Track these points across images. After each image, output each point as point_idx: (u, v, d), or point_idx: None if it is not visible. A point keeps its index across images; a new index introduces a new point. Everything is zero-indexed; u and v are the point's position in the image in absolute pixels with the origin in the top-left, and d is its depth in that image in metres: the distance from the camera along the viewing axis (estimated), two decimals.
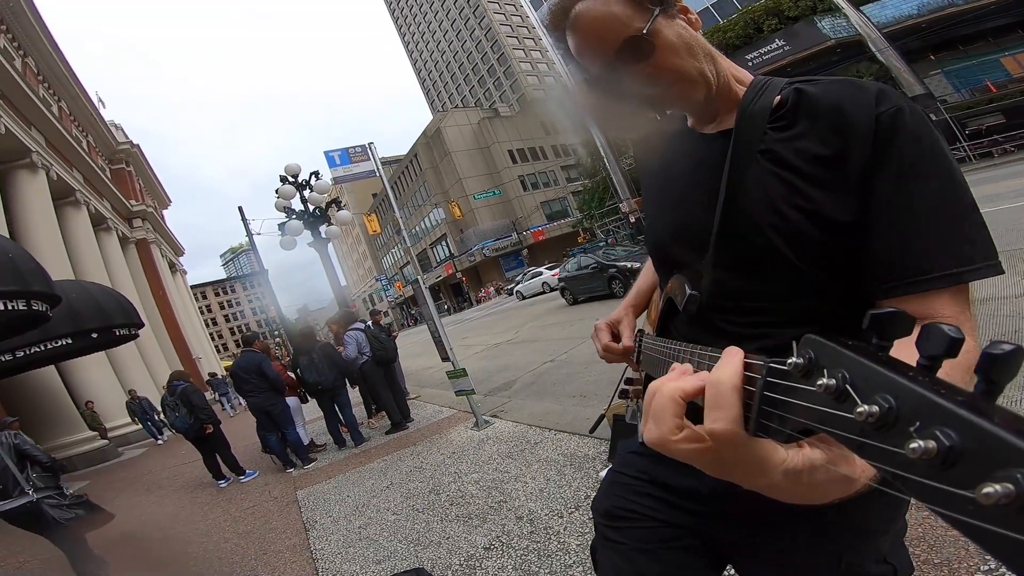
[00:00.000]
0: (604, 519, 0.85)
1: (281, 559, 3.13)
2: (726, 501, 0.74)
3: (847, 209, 0.62)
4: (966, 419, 0.23)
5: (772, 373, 0.37)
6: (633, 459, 0.88)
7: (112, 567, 3.52)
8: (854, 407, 0.28)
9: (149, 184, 29.09)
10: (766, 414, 0.38)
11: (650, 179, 0.89)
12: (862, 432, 0.28)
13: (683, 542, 0.78)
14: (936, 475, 0.24)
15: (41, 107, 14.31)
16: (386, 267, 65.56)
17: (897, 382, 0.27)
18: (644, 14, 0.68)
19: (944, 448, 0.23)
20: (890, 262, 0.60)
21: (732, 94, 0.73)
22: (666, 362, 0.63)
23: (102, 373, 13.17)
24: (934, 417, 0.24)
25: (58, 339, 8.63)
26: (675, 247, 0.80)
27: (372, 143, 7.07)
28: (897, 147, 0.60)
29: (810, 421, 0.33)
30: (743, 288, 0.70)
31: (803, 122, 0.66)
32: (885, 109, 0.61)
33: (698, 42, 0.71)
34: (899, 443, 0.25)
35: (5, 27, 14.71)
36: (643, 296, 1.03)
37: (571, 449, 3.40)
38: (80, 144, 17.88)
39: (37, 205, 13.63)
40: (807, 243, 0.64)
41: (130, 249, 22.41)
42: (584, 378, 5.45)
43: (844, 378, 0.30)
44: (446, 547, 2.59)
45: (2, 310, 5.98)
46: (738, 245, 0.69)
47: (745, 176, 0.68)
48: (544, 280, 23.63)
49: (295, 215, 8.62)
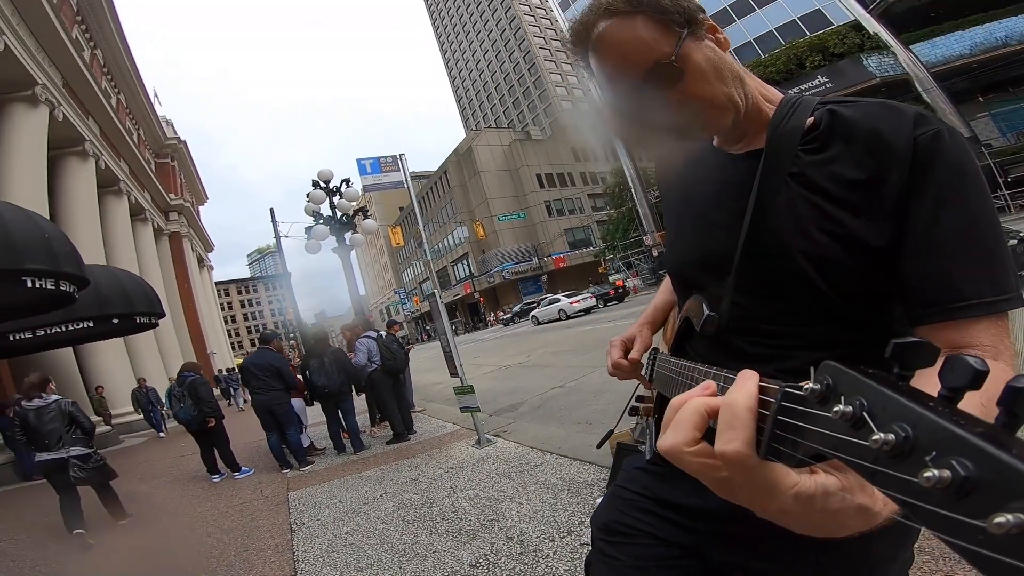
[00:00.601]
0: (602, 533, 0.83)
1: (261, 557, 3.06)
2: (729, 522, 0.70)
3: (881, 234, 0.60)
4: (984, 450, 0.23)
5: (787, 398, 0.37)
6: (637, 475, 0.86)
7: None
8: (870, 435, 0.28)
9: (190, 180, 30.20)
10: (778, 438, 0.37)
11: (673, 198, 0.86)
12: (876, 460, 0.28)
13: (680, 563, 0.75)
14: (949, 504, 0.24)
15: (101, 98, 15.04)
16: (406, 281, 66.26)
17: (916, 411, 0.27)
18: (671, 37, 0.65)
19: (959, 478, 0.23)
20: (928, 288, 0.58)
21: (761, 114, 0.71)
22: (680, 382, 0.62)
23: (116, 359, 13.35)
24: (952, 447, 0.24)
25: (80, 321, 8.83)
26: (696, 268, 0.78)
27: (403, 154, 7.20)
28: (936, 171, 0.58)
29: (823, 447, 0.33)
30: (764, 311, 0.68)
31: (837, 144, 0.64)
32: (924, 132, 0.59)
33: (727, 64, 0.68)
34: (913, 472, 0.26)
35: (81, 18, 15.44)
36: (660, 313, 1.01)
37: (571, 474, 3.29)
38: (131, 137, 18.69)
39: (82, 191, 14.20)
40: (836, 269, 0.62)
41: (163, 241, 23.15)
42: (592, 406, 5.33)
43: (862, 405, 0.30)
44: (431, 560, 2.50)
45: (30, 287, 6.20)
46: (763, 268, 0.67)
47: (775, 199, 0.66)
48: (561, 307, 23.51)
49: (323, 220, 8.79)
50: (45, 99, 11.86)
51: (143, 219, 20.31)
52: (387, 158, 7.04)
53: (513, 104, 74.54)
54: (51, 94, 12.16)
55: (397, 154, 6.97)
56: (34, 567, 3.83)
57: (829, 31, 24.45)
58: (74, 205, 13.81)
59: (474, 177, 47.00)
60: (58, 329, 8.86)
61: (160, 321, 11.38)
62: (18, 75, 11.07)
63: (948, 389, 0.28)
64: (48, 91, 11.99)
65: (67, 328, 8.87)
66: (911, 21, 22.19)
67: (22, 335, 8.73)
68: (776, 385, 0.38)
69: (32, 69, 11.34)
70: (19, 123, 11.30)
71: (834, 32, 24.19)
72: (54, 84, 12.45)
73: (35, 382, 4.71)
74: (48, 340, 9.23)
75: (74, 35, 13.85)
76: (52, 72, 12.45)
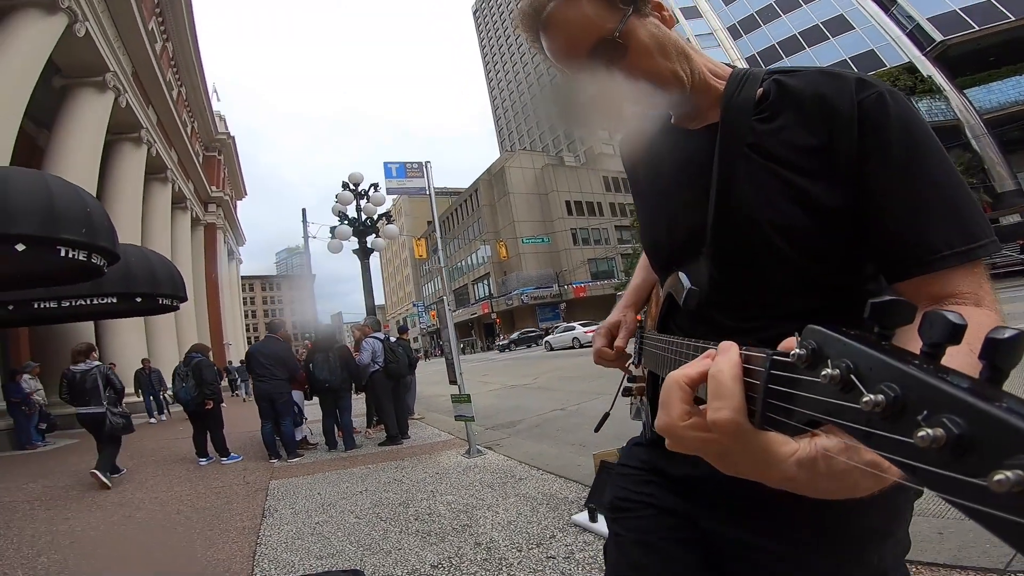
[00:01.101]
0: (610, 512, 0.85)
1: (225, 537, 3.01)
2: (719, 491, 0.71)
3: (841, 197, 0.61)
4: (972, 405, 0.23)
5: (775, 365, 0.36)
6: (636, 451, 0.87)
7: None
8: (860, 397, 0.27)
9: (232, 174, 31.30)
10: (771, 407, 0.36)
11: (639, 178, 0.87)
12: (869, 422, 0.28)
13: (680, 533, 0.75)
14: (947, 463, 0.23)
15: (164, 90, 15.77)
16: (426, 295, 66.72)
17: (901, 370, 0.26)
18: (616, 14, 0.66)
19: (953, 436, 0.23)
20: (900, 246, 0.59)
21: (711, 89, 0.72)
22: (669, 358, 0.63)
23: (133, 338, 13.47)
24: (940, 405, 0.24)
25: (105, 296, 9.09)
26: (672, 245, 0.78)
27: (429, 162, 7.33)
28: (886, 132, 0.59)
29: (816, 412, 0.32)
30: (742, 283, 0.69)
31: (787, 113, 0.66)
32: (867, 95, 0.61)
33: (671, 40, 0.69)
34: (908, 432, 0.25)
35: (159, 10, 16.21)
36: (641, 293, 1.01)
37: (553, 490, 3.17)
38: (185, 128, 19.52)
39: (131, 175, 14.78)
40: (803, 235, 0.63)
41: (199, 230, 23.89)
42: (589, 430, 5.13)
43: (849, 368, 0.29)
44: (394, 557, 2.41)
45: (63, 257, 6.43)
46: (734, 240, 0.67)
47: (735, 170, 0.67)
48: (575, 336, 23.39)
49: (347, 221, 8.95)
50: (113, 86, 12.42)
51: (183, 207, 21.04)
52: (413, 164, 7.18)
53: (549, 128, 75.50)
54: (119, 81, 12.73)
55: (423, 161, 7.09)
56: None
57: (881, 72, 24.10)
58: (121, 187, 14.32)
59: (504, 198, 47.46)
60: (83, 302, 9.11)
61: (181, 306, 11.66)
62: (93, 61, 11.65)
63: (929, 345, 0.28)
64: (117, 78, 12.56)
65: (92, 302, 9.10)
66: (968, 65, 21.71)
67: (47, 304, 9.00)
68: (763, 353, 0.38)
69: (107, 56, 11.91)
70: (85, 106, 11.87)
71: (886, 74, 23.82)
72: (123, 72, 13.04)
73: (82, 350, 5.44)
74: (72, 312, 9.47)
75: (151, 27, 14.61)
76: (124, 61, 13.07)
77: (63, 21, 10.03)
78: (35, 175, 6.81)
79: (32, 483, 5.23)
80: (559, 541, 2.34)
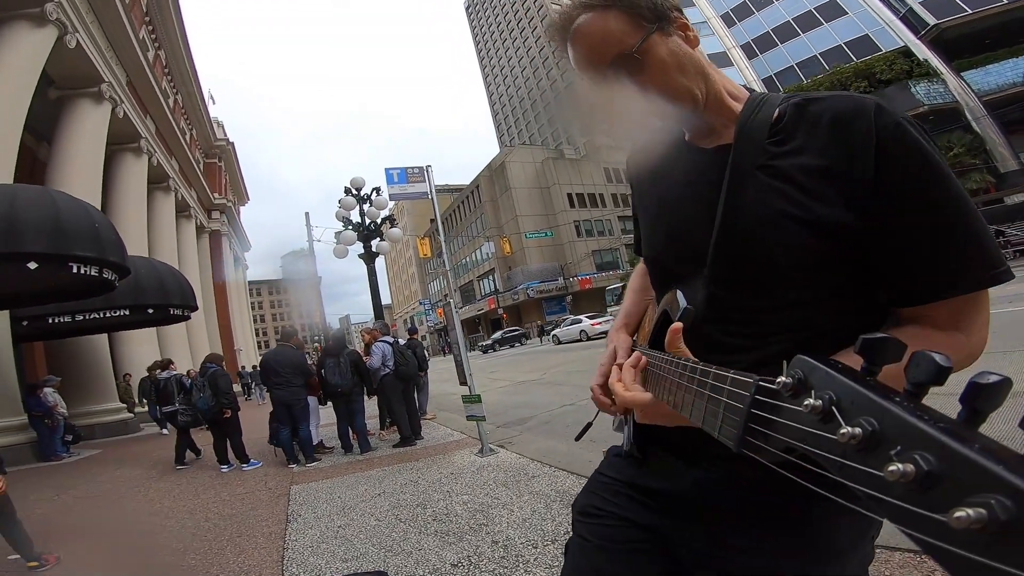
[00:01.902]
0: (578, 515, 0.87)
1: (252, 543, 3.13)
2: (697, 502, 0.75)
3: (851, 223, 0.62)
4: (946, 445, 0.23)
5: (760, 391, 0.38)
6: (615, 461, 0.90)
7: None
8: (838, 428, 0.29)
9: (233, 180, 31.45)
10: (751, 431, 0.38)
11: (645, 190, 0.89)
12: (843, 454, 0.29)
13: (644, 546, 0.78)
14: (911, 498, 0.24)
15: (160, 98, 15.80)
16: (431, 292, 66.85)
17: (882, 406, 0.27)
18: (639, 31, 0.70)
19: (922, 472, 0.23)
20: (920, 273, 0.61)
21: (726, 109, 0.74)
22: (658, 375, 0.64)
23: (146, 349, 13.63)
24: (915, 441, 0.25)
25: (117, 309, 9.25)
26: (672, 260, 0.80)
27: (430, 166, 7.40)
28: (905, 161, 0.60)
29: (794, 440, 0.34)
30: (739, 301, 0.70)
31: (802, 136, 0.67)
32: (884, 123, 0.61)
33: (691, 60, 0.72)
34: (878, 465, 0.26)
35: (148, 19, 16.20)
36: (633, 318, 1.02)
37: (566, 487, 3.27)
38: (184, 136, 19.61)
39: (133, 186, 14.89)
40: (807, 256, 0.64)
41: (204, 238, 24.09)
42: (600, 425, 5.15)
43: (831, 399, 0.31)
44: (415, 557, 2.52)
45: (75, 273, 6.56)
46: (736, 259, 0.69)
47: (745, 191, 0.68)
48: (583, 328, 23.41)
49: (351, 226, 9.04)
50: (109, 96, 12.49)
51: (187, 216, 21.21)
52: (414, 169, 7.24)
53: (548, 122, 74.91)
54: (115, 92, 12.79)
55: (424, 166, 7.16)
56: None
57: (877, 57, 23.91)
58: (124, 199, 14.43)
59: (505, 193, 47.37)
60: (96, 315, 9.30)
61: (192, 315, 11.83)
62: (87, 72, 11.70)
63: (913, 385, 0.29)
64: (113, 89, 12.61)
65: (105, 315, 9.29)
66: (964, 48, 21.52)
67: (61, 319, 9.18)
68: (750, 379, 0.39)
69: (100, 67, 11.95)
70: (83, 118, 11.95)
71: (882, 58, 23.64)
72: (119, 82, 13.07)
73: (163, 363, 7.75)
74: (85, 325, 9.65)
75: (141, 35, 14.61)
76: (118, 70, 13.10)
77: (53, 33, 10.08)
78: (41, 192, 6.93)
79: (61, 494, 5.39)
80: None
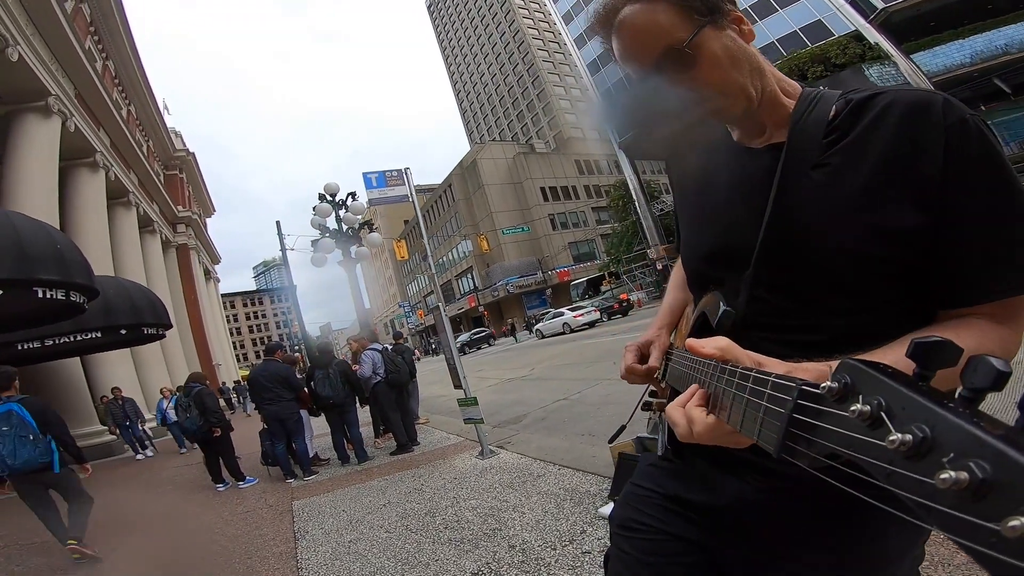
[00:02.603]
0: (618, 528, 0.86)
1: (266, 565, 3.08)
2: (738, 518, 0.74)
3: (912, 222, 0.60)
4: (1003, 452, 0.23)
5: (803, 396, 0.37)
6: (650, 472, 0.88)
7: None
8: (887, 435, 0.28)
9: (197, 192, 30.50)
10: (792, 436, 0.37)
11: (689, 191, 0.87)
12: (892, 461, 0.28)
13: (688, 558, 0.77)
14: (963, 506, 0.24)
15: (113, 110, 15.18)
16: (410, 294, 66.32)
17: (936, 412, 0.27)
18: (691, 25, 0.66)
19: (976, 480, 0.23)
20: (980, 274, 0.59)
21: (780, 108, 0.71)
22: (694, 377, 0.61)
23: (123, 370, 13.26)
24: (970, 449, 0.24)
25: (89, 332, 8.91)
26: (713, 263, 0.78)
27: (408, 168, 7.30)
28: (972, 161, 0.58)
29: (838, 446, 0.33)
30: (782, 306, 0.68)
31: (863, 133, 0.64)
32: (953, 120, 0.59)
33: (746, 55, 0.69)
34: (929, 473, 0.25)
35: (94, 28, 15.60)
36: (675, 314, 0.99)
37: (573, 484, 3.30)
38: (141, 148, 18.91)
39: (92, 202, 14.33)
40: (863, 258, 0.62)
41: (171, 253, 23.34)
42: (595, 418, 5.34)
43: (880, 405, 0.30)
44: (434, 568, 2.52)
45: (40, 298, 6.29)
46: (783, 263, 0.66)
47: (798, 192, 0.65)
48: (565, 321, 23.52)
49: (328, 233, 8.89)
50: (58, 110, 12.01)
51: (151, 231, 20.52)
52: (392, 172, 7.14)
53: (517, 117, 74.98)
54: (63, 105, 12.29)
55: (402, 168, 7.09)
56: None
57: (830, 42, 24.66)
58: (84, 216, 13.91)
59: (478, 191, 47.25)
60: (67, 339, 8.95)
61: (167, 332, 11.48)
62: (32, 85, 11.19)
63: (969, 390, 0.28)
64: (61, 102, 12.12)
65: (75, 338, 8.95)
66: (911, 31, 22.37)
67: (31, 344, 8.82)
68: (793, 383, 0.38)
69: (46, 80, 11.45)
70: (32, 133, 11.43)
71: (835, 43, 24.40)
72: (67, 95, 12.55)
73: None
74: (57, 350, 9.30)
75: (87, 46, 14.02)
76: (65, 83, 12.57)
77: None
78: None
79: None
80: (590, 536, 2.47)
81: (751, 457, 0.61)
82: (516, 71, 73.23)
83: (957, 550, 1.59)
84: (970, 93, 20.41)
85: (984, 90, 20.65)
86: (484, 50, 78.63)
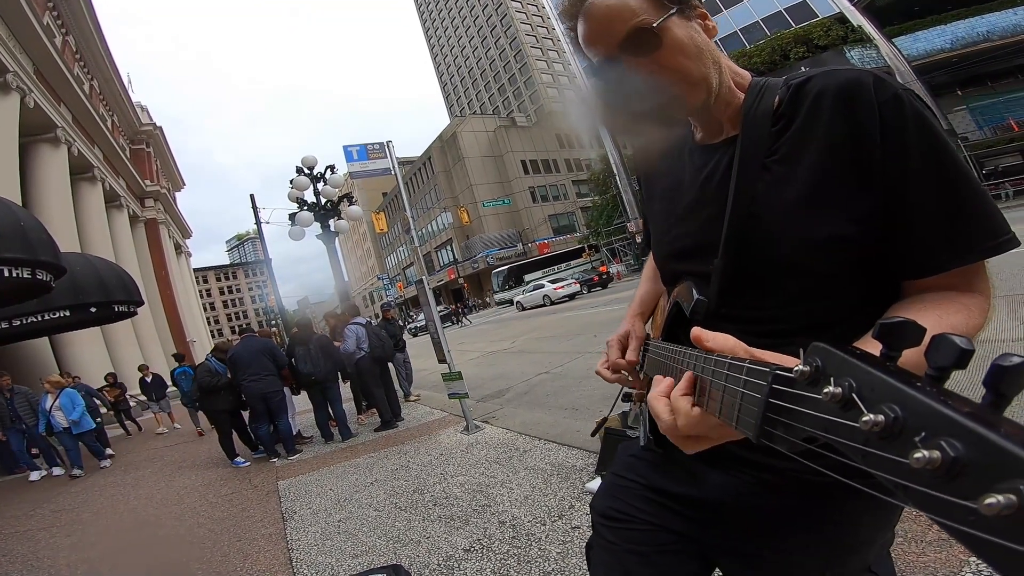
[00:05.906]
0: (601, 519, 0.86)
1: (255, 547, 3.08)
2: (721, 510, 0.76)
3: (863, 202, 0.61)
4: (972, 430, 0.23)
5: (778, 380, 0.37)
6: (633, 463, 0.89)
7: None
8: (859, 416, 0.28)
9: (166, 166, 29.35)
10: (770, 421, 0.38)
11: (655, 187, 0.88)
12: (866, 441, 0.28)
13: (675, 547, 0.78)
14: (939, 485, 0.24)
15: (74, 85, 14.53)
16: (389, 267, 65.63)
17: (904, 392, 0.27)
18: (660, 10, 0.67)
19: (949, 459, 0.23)
20: (933, 245, 0.60)
21: (734, 100, 0.72)
22: (671, 367, 0.62)
23: (93, 348, 12.98)
24: (940, 428, 0.24)
25: (57, 311, 8.61)
26: (683, 257, 0.79)
27: (391, 141, 7.14)
28: (906, 134, 0.60)
29: (814, 429, 0.33)
30: (752, 294, 0.70)
31: (804, 119, 0.65)
32: (886, 98, 0.60)
33: (709, 48, 0.70)
34: (903, 453, 0.26)
35: (52, 4, 14.94)
36: (647, 304, 1.01)
37: (559, 459, 3.37)
38: (105, 123, 18.11)
39: (55, 178, 13.78)
40: (822, 246, 0.63)
41: (139, 228, 22.57)
42: (578, 392, 5.42)
43: (851, 387, 0.30)
44: (426, 546, 2.56)
45: (6, 276, 6.01)
46: (748, 253, 0.68)
47: (755, 183, 0.67)
48: (545, 293, 23.62)
49: (307, 207, 8.66)
50: (16, 86, 11.59)
51: (118, 206, 19.75)
52: (374, 145, 6.96)
53: (499, 90, 73.57)
54: (22, 81, 11.87)
55: (384, 141, 6.91)
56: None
57: (814, 23, 24.76)
58: (46, 192, 13.44)
59: (458, 163, 46.52)
60: (35, 319, 8.64)
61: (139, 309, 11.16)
62: None
63: (935, 369, 0.28)
64: (19, 78, 11.69)
65: (44, 318, 8.65)
66: (894, 15, 22.57)
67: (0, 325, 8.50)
68: (766, 368, 0.39)
69: (3, 56, 11.01)
70: None
71: (819, 24, 24.51)
72: (25, 71, 12.13)
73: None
74: (24, 330, 8.97)
75: (45, 21, 13.39)
76: (23, 59, 12.14)
77: None
78: None
79: (37, 509, 5.10)
80: (579, 511, 2.52)
81: (735, 450, 0.62)
82: (499, 44, 71.45)
83: (930, 525, 1.68)
84: (948, 78, 20.76)
85: (961, 75, 21.04)
86: (467, 22, 76.54)
